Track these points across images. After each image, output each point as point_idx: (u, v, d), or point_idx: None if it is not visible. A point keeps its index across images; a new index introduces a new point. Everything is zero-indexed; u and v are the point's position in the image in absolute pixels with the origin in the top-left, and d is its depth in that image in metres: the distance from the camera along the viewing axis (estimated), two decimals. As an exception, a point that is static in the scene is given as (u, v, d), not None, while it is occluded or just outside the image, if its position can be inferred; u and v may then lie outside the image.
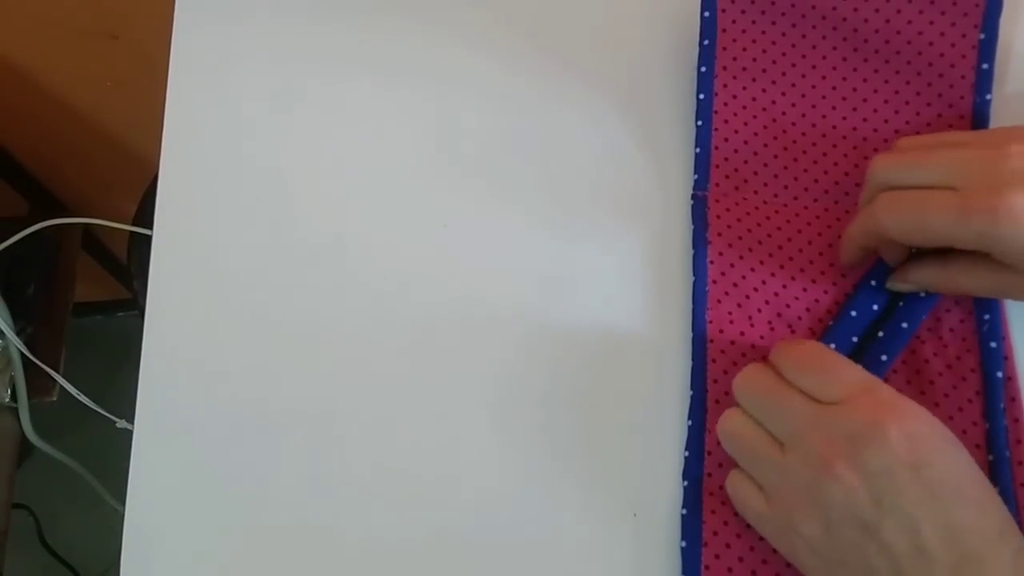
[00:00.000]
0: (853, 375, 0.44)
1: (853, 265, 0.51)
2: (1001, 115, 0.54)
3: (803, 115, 0.55)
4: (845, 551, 0.41)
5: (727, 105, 0.55)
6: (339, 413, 0.53)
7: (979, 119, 0.53)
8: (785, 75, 0.55)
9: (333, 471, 0.52)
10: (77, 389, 0.93)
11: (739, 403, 0.47)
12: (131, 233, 0.97)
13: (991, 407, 0.48)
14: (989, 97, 0.53)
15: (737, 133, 0.55)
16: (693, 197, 0.55)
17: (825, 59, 0.55)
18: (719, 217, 0.54)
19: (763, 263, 0.53)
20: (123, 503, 0.52)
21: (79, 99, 1.10)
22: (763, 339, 0.51)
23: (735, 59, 0.55)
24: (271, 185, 0.57)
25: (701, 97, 0.55)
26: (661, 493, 0.50)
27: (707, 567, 0.47)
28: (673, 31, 0.58)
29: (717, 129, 0.55)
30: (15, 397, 0.99)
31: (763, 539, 0.47)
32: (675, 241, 0.55)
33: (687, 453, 0.50)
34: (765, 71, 0.55)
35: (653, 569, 0.49)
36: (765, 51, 0.55)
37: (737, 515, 0.48)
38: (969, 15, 0.53)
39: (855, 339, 0.50)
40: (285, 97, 0.60)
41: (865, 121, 0.54)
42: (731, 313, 0.52)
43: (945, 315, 0.50)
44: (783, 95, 0.55)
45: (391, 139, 0.58)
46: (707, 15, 0.55)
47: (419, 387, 0.53)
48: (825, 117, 0.55)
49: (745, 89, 0.55)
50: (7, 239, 0.96)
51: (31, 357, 0.97)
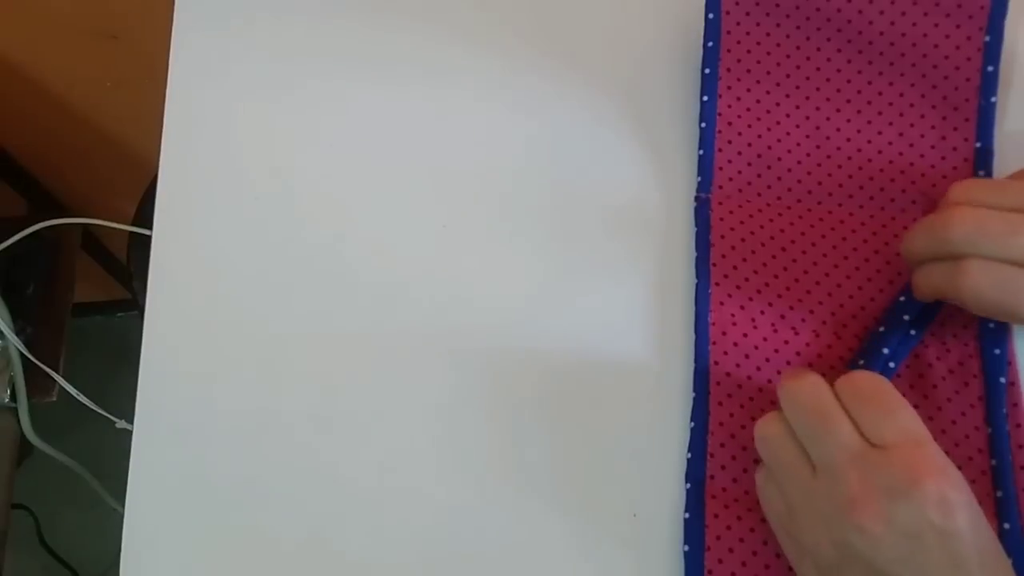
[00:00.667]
0: (909, 423, 0.42)
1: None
2: (1006, 118, 0.53)
3: (807, 117, 0.55)
4: None
5: (731, 107, 0.55)
6: (338, 413, 0.53)
7: (984, 122, 0.53)
8: (789, 77, 0.55)
9: (332, 471, 0.51)
10: (77, 389, 0.93)
11: (784, 411, 0.45)
12: (131, 233, 0.97)
13: (993, 412, 0.48)
14: (994, 100, 0.53)
15: (741, 135, 0.55)
16: (696, 199, 0.55)
17: (830, 61, 0.55)
18: (722, 219, 0.54)
19: (766, 265, 0.53)
20: (123, 503, 0.52)
21: (79, 99, 1.10)
22: (766, 341, 0.51)
23: (739, 61, 0.55)
24: (271, 185, 0.57)
25: (705, 99, 0.55)
26: (662, 493, 0.50)
27: (710, 571, 0.47)
28: (677, 33, 0.58)
29: (721, 131, 0.55)
30: (15, 397, 0.99)
31: (766, 543, 0.47)
32: (678, 243, 0.54)
33: (689, 455, 0.50)
34: (769, 73, 0.55)
35: (653, 570, 0.49)
36: (769, 53, 0.55)
37: (740, 519, 0.48)
38: (974, 18, 0.53)
39: (887, 351, 0.49)
40: (285, 97, 0.59)
41: (869, 123, 0.54)
42: (734, 315, 0.52)
43: (948, 320, 0.50)
44: (787, 97, 0.55)
45: (391, 139, 0.58)
46: (711, 17, 0.55)
47: (419, 388, 0.53)
48: (829, 119, 0.55)
49: (749, 91, 0.55)
50: (7, 239, 0.96)
51: (31, 357, 0.97)
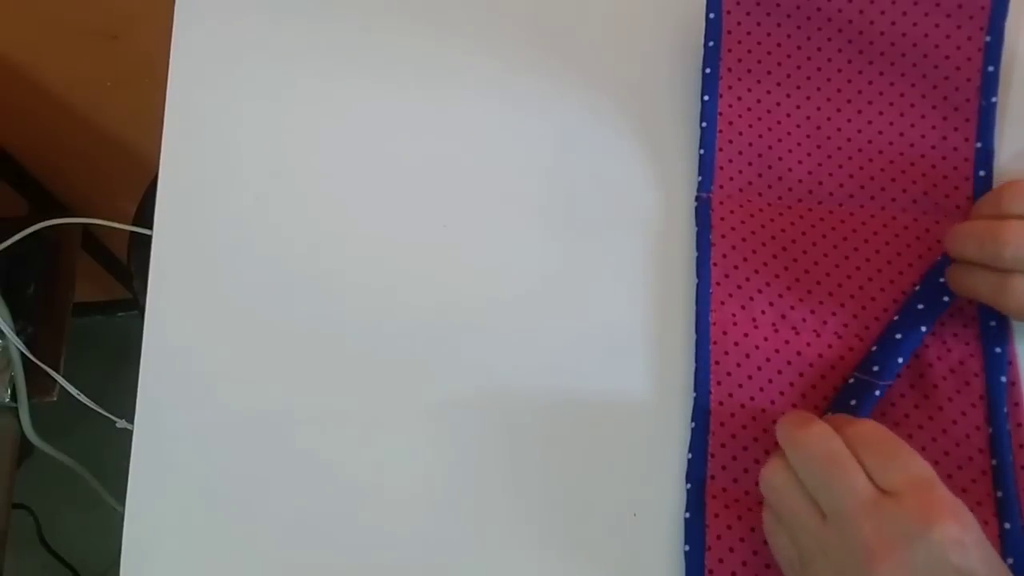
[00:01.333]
0: (917, 467, 0.42)
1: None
2: (1006, 118, 0.53)
3: (808, 117, 0.55)
4: None
5: (732, 107, 0.55)
6: (338, 413, 0.53)
7: (985, 122, 0.53)
8: (790, 77, 0.55)
9: (332, 471, 0.52)
10: (77, 389, 0.93)
11: (790, 459, 0.44)
12: (131, 233, 0.97)
13: (994, 411, 0.48)
14: (995, 100, 0.53)
15: (741, 135, 0.55)
16: (697, 199, 0.55)
17: (830, 61, 0.55)
18: (723, 219, 0.54)
19: (767, 265, 0.53)
20: (123, 503, 0.52)
21: (79, 99, 1.10)
22: (767, 341, 0.51)
23: (740, 61, 0.55)
24: (271, 185, 0.57)
25: (706, 99, 0.55)
26: (662, 493, 0.50)
27: (710, 571, 0.47)
28: (678, 33, 0.58)
29: (721, 131, 0.55)
30: (15, 397, 0.98)
31: (767, 543, 0.46)
32: (678, 243, 0.54)
33: (690, 455, 0.50)
34: (770, 73, 0.55)
35: (653, 570, 0.49)
36: (770, 53, 0.55)
37: (740, 519, 0.48)
38: (974, 18, 0.53)
39: (901, 360, 0.49)
40: (285, 97, 0.59)
41: (870, 123, 0.54)
42: (735, 315, 0.52)
43: (949, 319, 0.50)
44: (788, 97, 0.55)
45: (392, 139, 0.58)
46: (712, 17, 0.55)
47: (418, 388, 0.53)
48: (830, 119, 0.55)
49: (750, 91, 0.55)
50: (7, 239, 0.96)
51: (31, 357, 0.97)
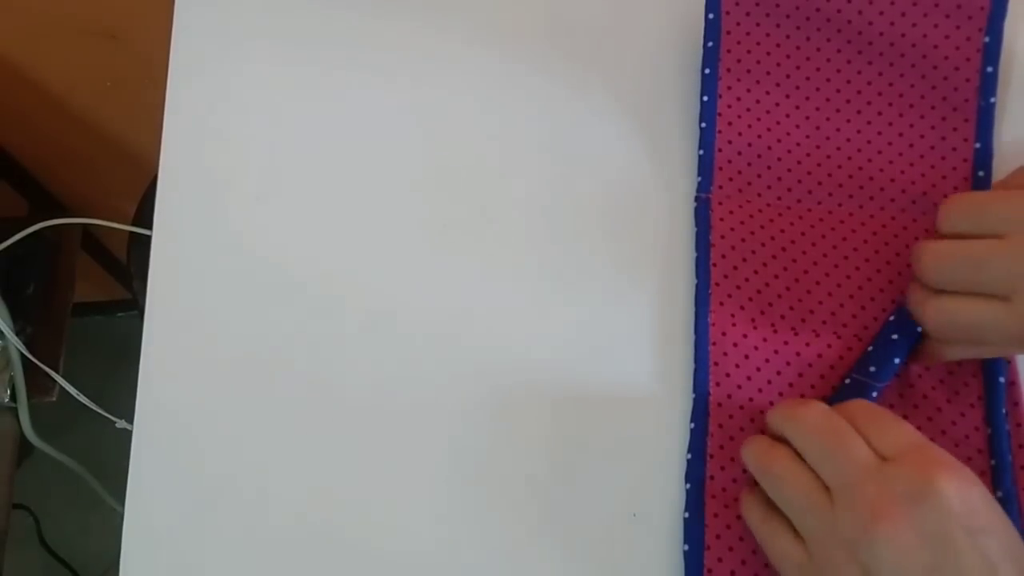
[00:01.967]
0: (912, 434, 0.42)
1: None
2: (1005, 118, 0.54)
3: (807, 117, 0.55)
4: None
5: (731, 107, 0.55)
6: (339, 413, 0.53)
7: (983, 122, 0.53)
8: (789, 77, 0.55)
9: (332, 471, 0.51)
10: (77, 389, 0.93)
11: (792, 438, 0.44)
12: (131, 233, 0.97)
13: (993, 412, 0.48)
14: (993, 100, 0.53)
15: (741, 136, 0.55)
16: (696, 200, 0.55)
17: (829, 62, 0.55)
18: (722, 220, 0.54)
19: (766, 266, 0.53)
20: (123, 503, 0.52)
21: (79, 99, 1.10)
22: (766, 341, 0.51)
23: (739, 61, 0.55)
24: (271, 185, 0.57)
25: (705, 99, 0.55)
26: (661, 493, 0.50)
27: (709, 570, 0.47)
28: (677, 33, 0.58)
29: (721, 131, 0.55)
30: (15, 397, 0.98)
31: (766, 544, 0.47)
32: (678, 244, 0.54)
33: (689, 456, 0.50)
34: (769, 73, 0.55)
35: (653, 570, 0.49)
36: (769, 53, 0.55)
37: (740, 518, 0.48)
38: (973, 18, 0.53)
39: (898, 361, 0.49)
40: (285, 96, 0.59)
41: (869, 124, 0.54)
42: (734, 316, 0.52)
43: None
44: (787, 97, 0.55)
45: (392, 139, 0.58)
46: (711, 17, 0.55)
47: (419, 387, 0.53)
48: (829, 120, 0.55)
49: (749, 91, 0.55)
50: (7, 239, 0.96)
51: (31, 357, 0.97)
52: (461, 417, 0.52)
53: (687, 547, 0.48)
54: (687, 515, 0.48)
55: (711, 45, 0.56)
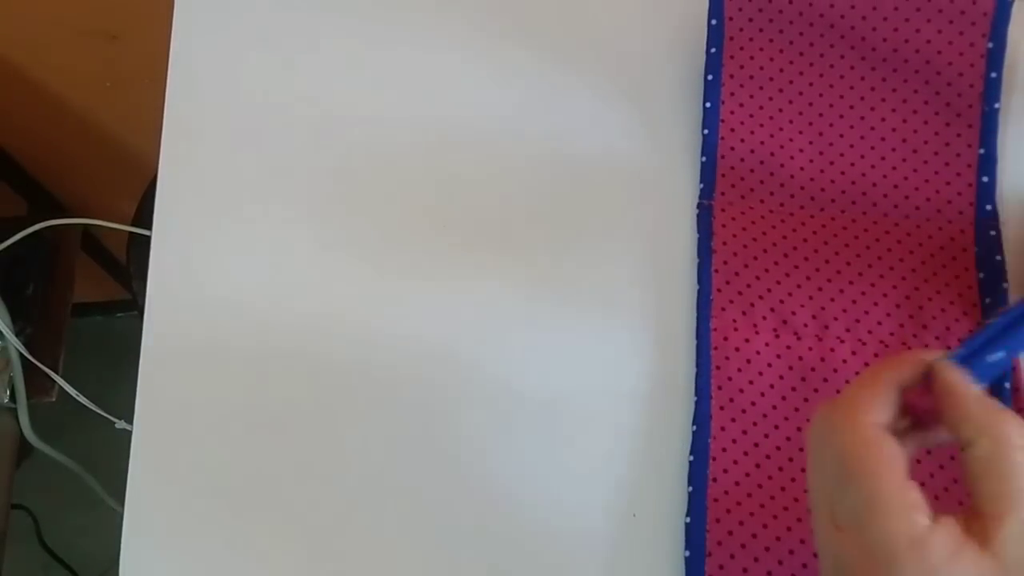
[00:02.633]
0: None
1: None
2: (1009, 124, 0.54)
3: (810, 123, 0.55)
4: None
5: (733, 113, 0.55)
6: (339, 413, 0.53)
7: (987, 128, 0.53)
8: (792, 83, 0.55)
9: (332, 471, 0.51)
10: (76, 389, 0.93)
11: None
12: (130, 233, 0.97)
13: None
14: (997, 106, 0.53)
15: (743, 142, 0.55)
16: (699, 206, 0.55)
17: (833, 68, 0.55)
18: (724, 226, 0.54)
19: (768, 271, 0.53)
20: (123, 503, 0.52)
21: (79, 99, 1.10)
22: (768, 346, 0.51)
23: (742, 67, 0.55)
24: (270, 185, 0.57)
25: (707, 105, 0.55)
26: (661, 494, 0.50)
27: (711, 577, 0.47)
28: (680, 39, 0.58)
29: (723, 138, 0.55)
30: (14, 397, 0.98)
31: (768, 549, 0.46)
32: (680, 249, 0.54)
33: (692, 458, 0.49)
34: (772, 79, 0.55)
35: (653, 570, 0.49)
36: (772, 59, 0.55)
37: (742, 524, 0.47)
38: (977, 24, 0.53)
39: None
40: (284, 96, 0.59)
41: (873, 130, 0.54)
42: (735, 320, 0.52)
43: (954, 324, 0.50)
44: (790, 103, 0.55)
45: (392, 139, 0.58)
46: (714, 23, 0.55)
47: (419, 385, 0.53)
48: (832, 125, 0.55)
49: (752, 97, 0.55)
50: (7, 239, 0.96)
51: (30, 357, 0.97)
52: (460, 415, 0.52)
53: (688, 553, 0.48)
54: (689, 520, 0.48)
55: (714, 51, 0.55)
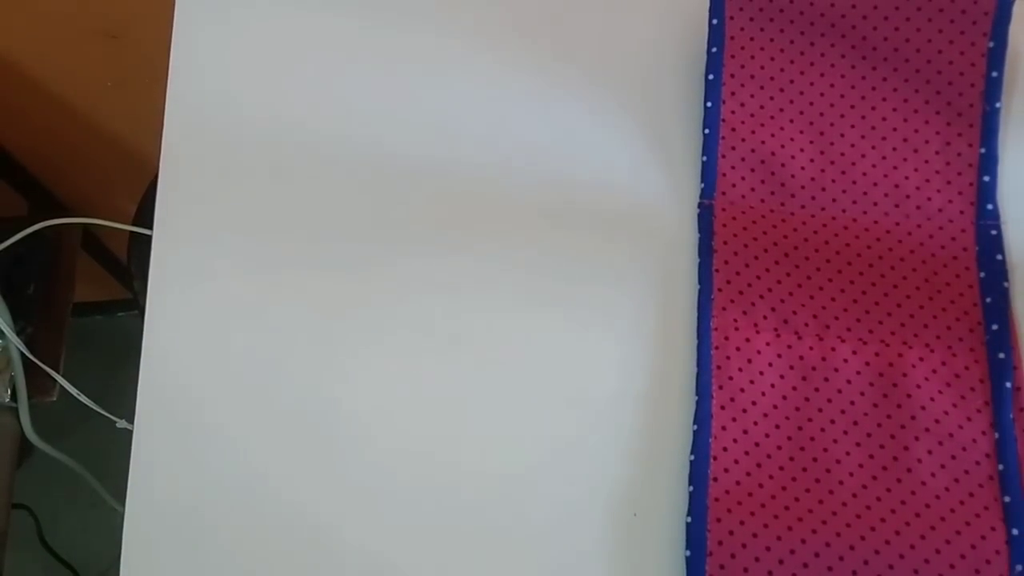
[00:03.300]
0: None
1: None
2: (1010, 123, 0.54)
3: (811, 123, 0.55)
4: None
5: (734, 113, 0.55)
6: (340, 412, 0.52)
7: (988, 127, 0.53)
8: (793, 83, 0.55)
9: (333, 471, 0.51)
10: (77, 389, 0.93)
11: None
12: (131, 233, 0.97)
13: (1000, 417, 0.48)
14: (999, 105, 0.53)
15: (744, 141, 0.55)
16: (699, 206, 0.55)
17: (834, 67, 0.55)
18: (725, 226, 0.54)
19: (769, 271, 0.52)
20: (123, 503, 0.51)
21: (79, 99, 1.10)
22: (769, 346, 0.51)
23: (743, 67, 0.55)
24: (271, 185, 0.57)
25: (708, 105, 0.55)
26: (661, 494, 0.50)
27: (712, 577, 0.47)
28: (681, 39, 0.58)
29: (724, 137, 0.55)
30: (15, 397, 0.98)
31: (769, 549, 0.46)
32: (681, 249, 0.54)
33: (693, 457, 0.49)
34: (773, 79, 0.55)
35: (653, 570, 0.49)
36: (773, 59, 0.55)
37: (743, 523, 0.47)
38: (978, 23, 0.53)
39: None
40: (285, 96, 0.59)
41: (874, 129, 0.54)
42: (736, 320, 0.52)
43: (955, 324, 0.50)
44: (791, 103, 0.55)
45: (392, 139, 0.58)
46: (715, 23, 0.55)
47: (419, 384, 0.53)
48: (833, 125, 0.55)
49: (753, 97, 0.55)
50: (7, 239, 0.96)
51: (31, 357, 0.97)
52: (460, 415, 0.52)
53: (689, 552, 0.48)
54: (689, 519, 0.48)
55: (715, 51, 0.55)
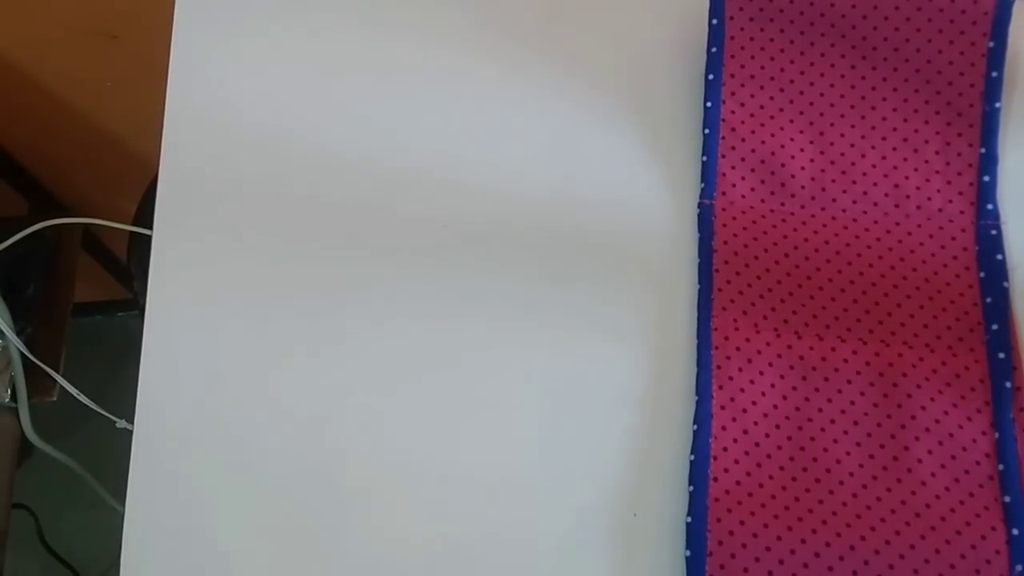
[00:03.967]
0: None
1: None
2: (1010, 123, 0.53)
3: (811, 123, 0.55)
4: None
5: (734, 113, 0.55)
6: (340, 413, 0.52)
7: (988, 127, 0.53)
8: (793, 83, 0.55)
9: (333, 472, 0.51)
10: (77, 389, 0.93)
11: None
12: (131, 233, 0.97)
13: (1000, 418, 0.48)
14: (998, 105, 0.53)
15: (744, 141, 0.55)
16: (699, 206, 0.55)
17: (834, 67, 0.55)
18: (725, 225, 0.54)
19: (769, 270, 0.52)
20: (123, 503, 0.51)
21: (79, 99, 1.10)
22: (769, 346, 0.51)
23: (743, 67, 0.55)
24: (271, 185, 0.57)
25: (708, 105, 0.55)
26: (662, 494, 0.50)
27: (712, 577, 0.47)
28: (681, 39, 0.58)
29: (724, 137, 0.55)
30: (15, 397, 0.98)
31: (769, 549, 0.46)
32: (681, 249, 0.54)
33: (692, 457, 0.49)
34: (773, 79, 0.55)
35: (653, 570, 0.49)
36: (773, 59, 0.55)
37: (743, 523, 0.47)
38: (978, 23, 0.53)
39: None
40: (285, 96, 0.59)
41: (873, 129, 0.54)
42: (736, 320, 0.52)
43: (955, 324, 0.50)
44: (791, 103, 0.55)
45: (392, 138, 0.58)
46: (715, 23, 0.55)
47: (419, 383, 0.53)
48: (833, 125, 0.55)
49: (753, 97, 0.55)
50: (7, 239, 0.96)
51: (31, 357, 0.97)
52: (461, 415, 0.52)
53: (689, 552, 0.48)
54: (689, 519, 0.48)
55: (715, 51, 0.55)
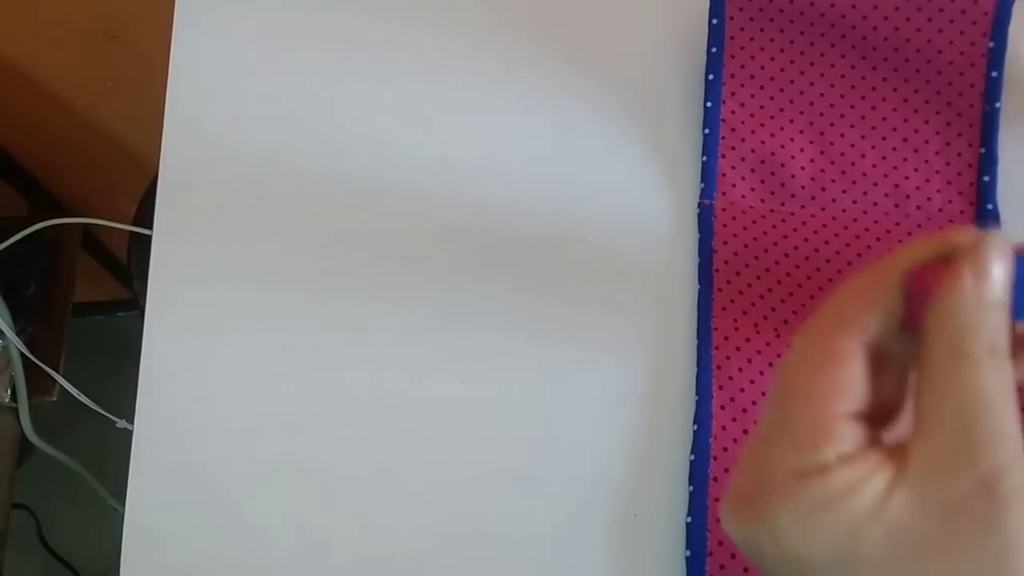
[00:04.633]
0: None
1: None
2: (1010, 123, 0.53)
3: (810, 123, 0.55)
4: None
5: (734, 113, 0.55)
6: (339, 413, 0.53)
7: (988, 127, 0.53)
8: (793, 83, 0.55)
9: (332, 471, 0.51)
10: (77, 389, 0.93)
11: None
12: (131, 233, 0.97)
13: None
14: (998, 105, 0.53)
15: (744, 141, 0.55)
16: (700, 206, 0.55)
17: (834, 67, 0.55)
18: (725, 226, 0.54)
19: (769, 271, 0.52)
20: (123, 503, 0.52)
21: (79, 99, 1.10)
22: (769, 346, 0.51)
23: (743, 67, 0.55)
24: (271, 185, 0.57)
25: (708, 105, 0.55)
26: (661, 494, 0.50)
27: (711, 577, 0.47)
28: (681, 39, 0.58)
29: (724, 137, 0.55)
30: (15, 397, 0.98)
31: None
32: (681, 249, 0.54)
33: (693, 457, 0.49)
34: (773, 79, 0.55)
35: (653, 570, 0.49)
36: (773, 59, 0.55)
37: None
38: (978, 23, 0.53)
39: None
40: (285, 96, 0.59)
41: (873, 129, 0.54)
42: (736, 320, 0.52)
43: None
44: (790, 103, 0.55)
45: (392, 138, 0.58)
46: (715, 23, 0.55)
47: (419, 383, 0.53)
48: (833, 125, 0.55)
49: (753, 97, 0.55)
50: (7, 239, 0.96)
51: (31, 357, 0.97)
52: (461, 415, 0.52)
53: (689, 553, 0.48)
54: (689, 519, 0.48)
55: (715, 51, 0.55)
